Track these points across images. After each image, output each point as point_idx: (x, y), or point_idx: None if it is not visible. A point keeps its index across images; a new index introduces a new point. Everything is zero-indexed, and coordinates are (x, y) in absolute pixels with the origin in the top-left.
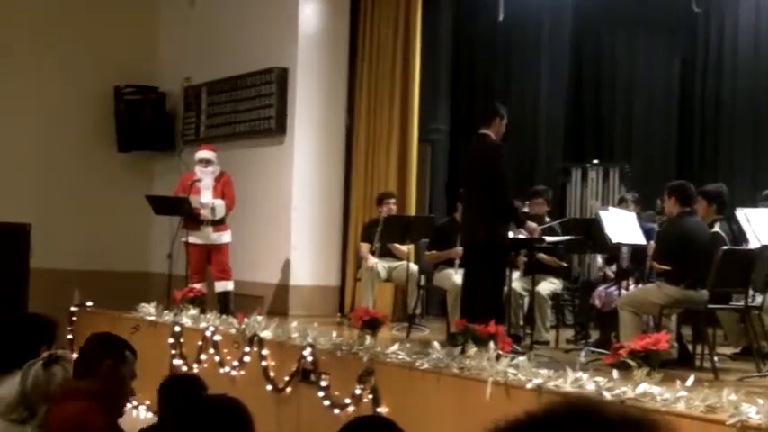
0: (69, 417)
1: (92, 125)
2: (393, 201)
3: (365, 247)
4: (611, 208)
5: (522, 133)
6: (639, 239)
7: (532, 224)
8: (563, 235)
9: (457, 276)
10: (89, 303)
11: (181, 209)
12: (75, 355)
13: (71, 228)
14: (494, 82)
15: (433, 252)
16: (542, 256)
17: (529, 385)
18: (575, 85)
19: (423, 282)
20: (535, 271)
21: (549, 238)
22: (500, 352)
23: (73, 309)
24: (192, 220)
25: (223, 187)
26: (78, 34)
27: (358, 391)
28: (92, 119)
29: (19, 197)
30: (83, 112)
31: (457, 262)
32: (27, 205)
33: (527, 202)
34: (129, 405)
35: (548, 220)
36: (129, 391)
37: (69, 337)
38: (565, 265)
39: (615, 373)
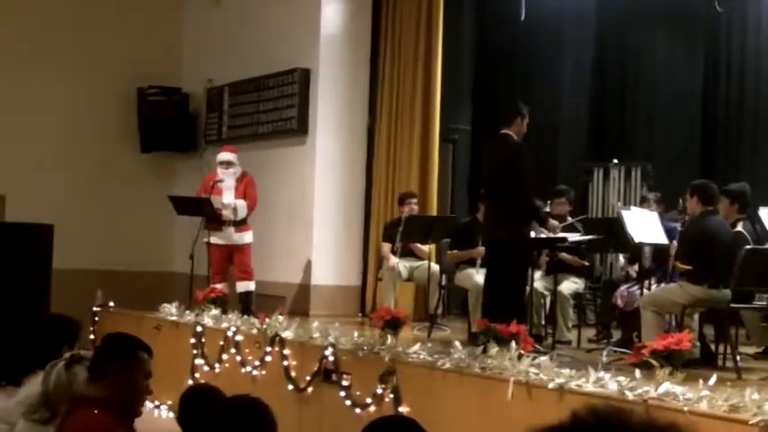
0: (82, 427)
1: (115, 126)
2: (415, 200)
3: (387, 246)
4: (633, 207)
5: (544, 133)
6: (662, 239)
7: (554, 221)
8: (585, 234)
9: (478, 276)
10: (111, 304)
11: (203, 209)
12: None
13: (94, 228)
14: (516, 81)
15: (455, 252)
16: (564, 255)
17: (551, 385)
18: (597, 85)
19: (444, 281)
20: (557, 270)
21: (571, 238)
22: (522, 352)
23: (95, 309)
24: (214, 220)
25: (245, 188)
26: (102, 35)
27: (379, 391)
28: (115, 119)
29: (42, 198)
30: (106, 112)
31: (478, 262)
32: (50, 206)
33: (549, 202)
34: (149, 405)
35: (570, 219)
36: (143, 390)
37: (92, 337)
38: (587, 264)
39: (637, 372)
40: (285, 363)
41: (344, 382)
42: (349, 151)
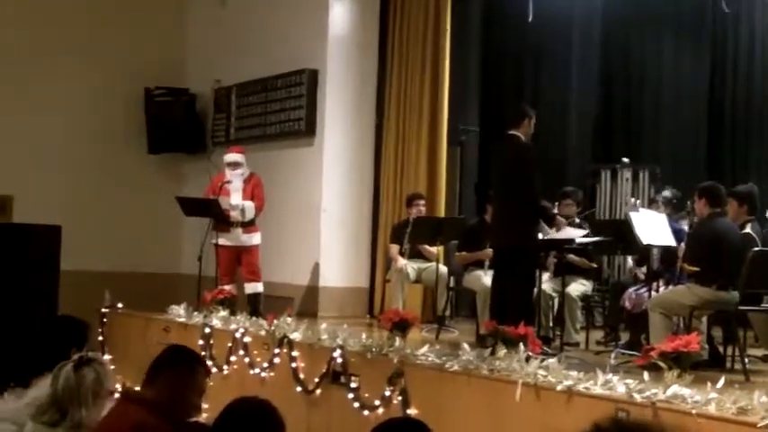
0: (124, 420)
1: (122, 126)
2: (422, 202)
3: (395, 248)
4: (641, 209)
5: (552, 134)
6: (670, 241)
7: (560, 219)
8: (593, 236)
9: (486, 278)
10: (119, 305)
11: (210, 210)
12: (107, 356)
13: (101, 229)
14: (523, 83)
15: (463, 253)
16: (572, 257)
17: (559, 387)
18: (604, 86)
19: (452, 283)
20: (565, 272)
21: (579, 239)
22: (530, 353)
23: (104, 310)
24: (222, 221)
25: (252, 189)
26: (108, 35)
27: (388, 393)
28: (122, 120)
29: (49, 199)
30: (113, 113)
31: (486, 263)
32: (57, 207)
33: (557, 204)
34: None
35: (577, 221)
36: (191, 405)
37: (100, 339)
38: (595, 266)
39: (646, 374)
40: (293, 364)
41: (353, 384)
42: (357, 152)
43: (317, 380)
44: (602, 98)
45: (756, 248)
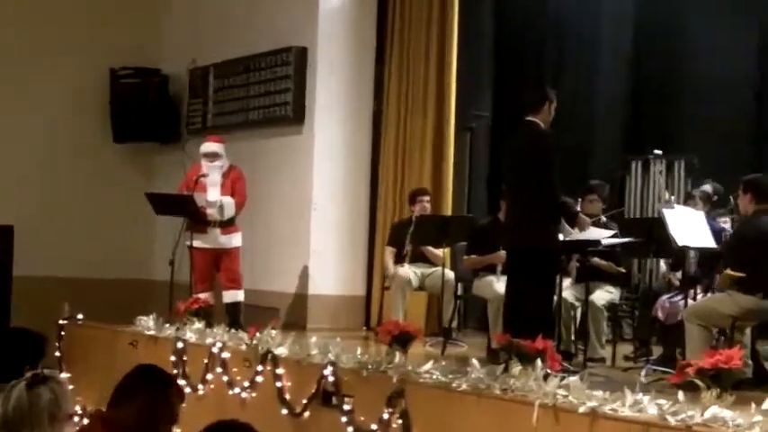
0: None
1: (84, 112)
2: (427, 198)
3: (389, 252)
4: (677, 206)
5: (575, 120)
6: (709, 242)
7: (584, 217)
8: (621, 236)
9: (499, 284)
10: (80, 316)
11: (185, 208)
12: (65, 375)
13: (59, 230)
14: (543, 62)
15: (473, 257)
16: (598, 260)
17: (581, 409)
18: (636, 66)
19: (460, 290)
20: (589, 278)
21: (605, 240)
22: (549, 371)
23: (62, 322)
24: (198, 221)
25: (232, 183)
26: (69, 9)
27: (386, 416)
28: (84, 105)
29: (0, 195)
30: (73, 97)
31: (499, 268)
32: (9, 204)
33: (579, 200)
34: None
35: (603, 220)
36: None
37: (57, 354)
38: (623, 271)
39: (681, 394)
40: (279, 383)
41: (346, 406)
42: (352, 141)
43: (305, 401)
44: (632, 79)
45: None
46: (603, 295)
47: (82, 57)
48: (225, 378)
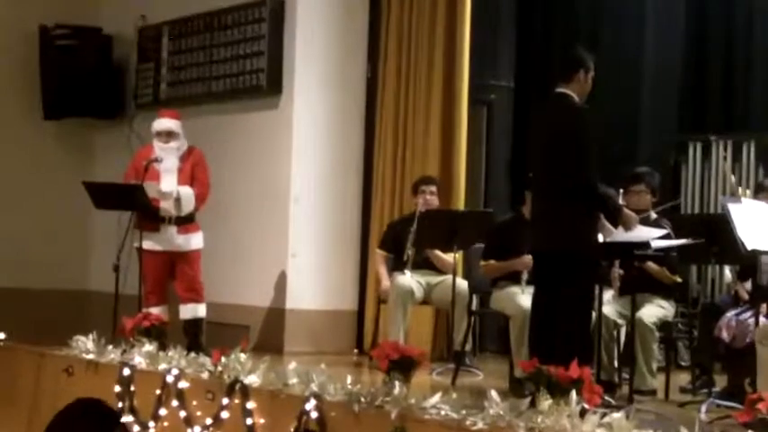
0: None
1: (5, 82)
2: (433, 188)
3: (380, 257)
4: (744, 199)
5: (619, 93)
6: None
7: (629, 213)
8: (676, 237)
9: (524, 297)
10: (1, 336)
11: (132, 201)
12: None
13: None
14: (577, 20)
15: (491, 262)
16: (651, 265)
17: None
18: (694, 27)
19: (475, 304)
20: (636, 289)
21: (655, 242)
22: (586, 406)
23: None
24: (149, 216)
25: (192, 170)
26: None
27: None
28: (5, 72)
29: None
30: None
31: (524, 276)
32: None
33: (623, 192)
34: None
35: (653, 216)
36: None
37: None
38: (678, 280)
39: None
40: (249, 420)
41: None
42: (340, 118)
43: None
44: (690, 44)
45: None
46: (654, 311)
47: (4, 11)
48: (182, 414)
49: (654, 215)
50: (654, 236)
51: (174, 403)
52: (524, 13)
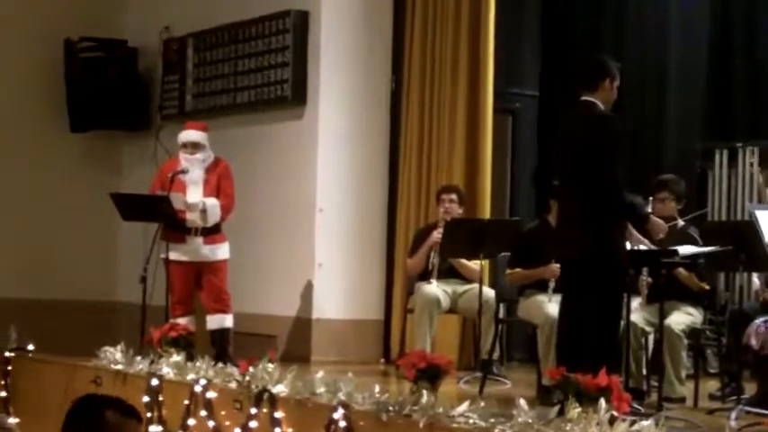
0: None
1: (32, 95)
2: (453, 197)
3: (414, 265)
4: None
5: (644, 101)
6: None
7: (657, 220)
8: (704, 244)
9: (551, 305)
10: (30, 347)
11: (159, 212)
12: (13, 420)
13: (3, 240)
14: (600, 28)
15: (517, 270)
16: (681, 272)
17: None
18: (719, 35)
19: (502, 313)
20: (664, 296)
21: (683, 249)
22: (615, 413)
23: (8, 354)
24: (175, 227)
25: (218, 181)
26: None
27: None
28: (32, 86)
29: None
30: (19, 76)
31: (551, 284)
32: None
33: (650, 198)
34: None
35: (681, 223)
36: None
37: (3, 394)
38: (706, 288)
39: None
40: (278, 430)
41: None
42: (365, 128)
43: None
44: (717, 49)
45: None
46: (682, 318)
47: (30, 25)
48: (211, 424)
49: (681, 222)
50: (683, 249)
51: (203, 413)
52: (548, 22)
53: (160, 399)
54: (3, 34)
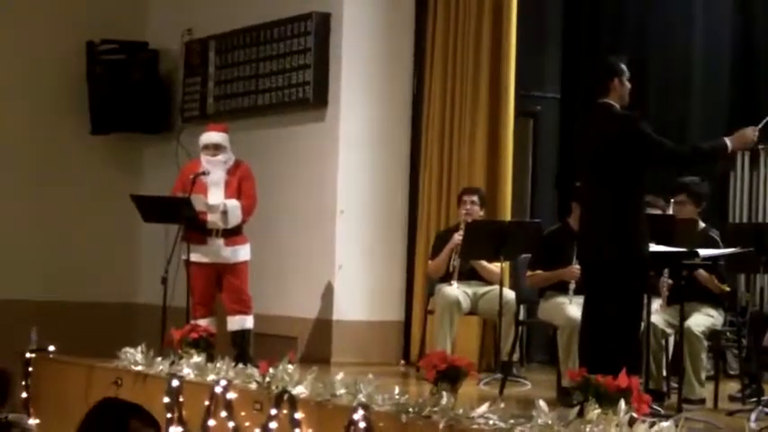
0: None
1: (54, 97)
2: (475, 198)
3: (436, 267)
4: None
5: (667, 102)
6: None
7: (736, 136)
8: (724, 246)
9: (572, 307)
10: (51, 348)
11: (180, 214)
12: (33, 420)
13: (25, 242)
14: (623, 30)
15: (538, 272)
16: (702, 273)
17: None
18: (743, 37)
19: (522, 315)
20: (685, 298)
21: (703, 252)
22: (634, 414)
23: (29, 355)
24: (196, 229)
25: (239, 183)
26: None
27: None
28: (54, 88)
29: None
30: (40, 78)
31: (572, 286)
32: None
33: (672, 200)
34: None
35: (702, 225)
36: None
37: (24, 395)
38: (727, 290)
39: None
40: (297, 431)
41: None
42: (386, 130)
43: None
44: (739, 52)
45: None
46: (703, 320)
47: (52, 28)
48: (231, 425)
49: (702, 224)
50: (703, 252)
51: (223, 414)
52: (570, 24)
53: (180, 400)
54: (25, 37)
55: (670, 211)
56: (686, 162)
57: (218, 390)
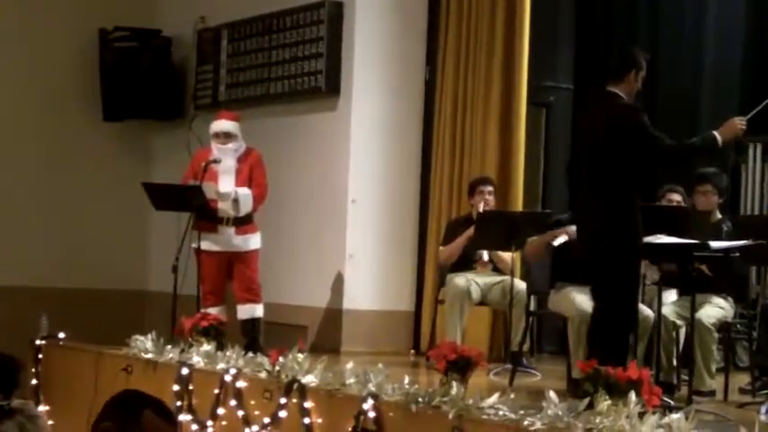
0: None
1: (66, 84)
2: (489, 189)
3: (448, 253)
4: None
5: (678, 95)
6: None
7: (725, 125)
8: (736, 237)
9: (582, 296)
10: (61, 335)
11: (191, 202)
12: (43, 407)
13: (35, 229)
14: (636, 22)
15: (534, 238)
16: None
17: None
18: (755, 30)
19: (533, 305)
20: (694, 290)
21: (714, 243)
22: (645, 406)
23: (39, 342)
24: (207, 217)
25: (250, 171)
26: None
27: None
28: (66, 75)
29: None
30: (53, 65)
31: (560, 239)
32: None
33: (698, 189)
34: None
35: (718, 215)
36: None
37: (34, 381)
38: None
39: None
40: (307, 420)
41: None
42: (398, 119)
43: None
44: (751, 45)
45: None
46: (713, 312)
47: (64, 15)
48: (240, 413)
49: (719, 215)
50: (714, 244)
51: (232, 402)
52: (584, 15)
53: (190, 388)
54: (38, 24)
55: (688, 201)
56: (679, 157)
57: (227, 378)
